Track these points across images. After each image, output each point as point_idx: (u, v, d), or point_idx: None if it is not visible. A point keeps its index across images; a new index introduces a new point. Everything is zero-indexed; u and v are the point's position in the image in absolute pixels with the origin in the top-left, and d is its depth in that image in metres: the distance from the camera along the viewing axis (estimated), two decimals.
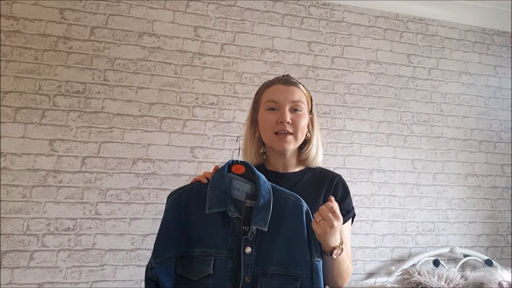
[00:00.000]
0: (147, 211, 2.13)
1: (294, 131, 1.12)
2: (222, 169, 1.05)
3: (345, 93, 2.53)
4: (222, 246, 0.99)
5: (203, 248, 0.99)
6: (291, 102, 1.13)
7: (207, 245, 0.99)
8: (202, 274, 0.97)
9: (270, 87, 1.18)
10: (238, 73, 2.37)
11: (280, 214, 1.01)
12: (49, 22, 2.14)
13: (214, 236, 1.00)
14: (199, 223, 1.01)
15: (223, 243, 0.99)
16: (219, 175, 1.04)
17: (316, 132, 1.20)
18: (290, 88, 1.15)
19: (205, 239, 1.00)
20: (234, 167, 1.06)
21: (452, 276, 2.04)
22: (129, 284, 2.06)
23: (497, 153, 2.74)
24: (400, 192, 2.53)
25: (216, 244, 0.99)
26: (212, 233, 1.00)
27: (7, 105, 2.03)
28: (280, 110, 1.12)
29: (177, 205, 1.03)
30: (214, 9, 2.39)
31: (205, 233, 1.00)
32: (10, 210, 1.97)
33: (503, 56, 2.86)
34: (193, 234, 1.01)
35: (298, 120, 1.12)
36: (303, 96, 1.16)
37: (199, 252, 1.00)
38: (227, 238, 0.99)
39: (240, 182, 1.05)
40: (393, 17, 2.69)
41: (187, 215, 1.02)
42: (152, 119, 2.21)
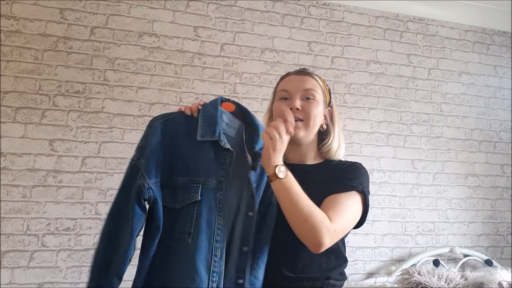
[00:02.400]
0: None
1: (305, 118, 1.10)
2: (215, 101, 1.04)
3: (345, 93, 2.53)
4: (212, 175, 0.95)
5: (190, 176, 0.95)
6: (302, 91, 1.12)
7: (195, 173, 0.95)
8: (186, 201, 0.93)
9: (284, 78, 1.19)
10: (238, 73, 2.37)
11: None
12: (49, 22, 2.14)
13: (202, 165, 0.96)
14: (187, 151, 0.97)
15: (213, 173, 0.95)
16: (212, 105, 1.02)
17: (337, 125, 1.19)
18: (302, 77, 1.16)
19: (192, 168, 0.95)
20: (224, 104, 1.05)
21: (452, 276, 2.03)
22: (129, 284, 2.05)
23: (497, 153, 2.74)
24: (400, 192, 2.53)
25: (205, 173, 0.95)
26: (200, 162, 0.96)
27: (7, 105, 2.03)
28: (291, 98, 1.12)
29: (164, 130, 0.98)
30: (214, 9, 2.39)
31: (193, 162, 0.96)
32: (10, 210, 1.97)
33: (503, 56, 2.86)
34: (178, 162, 0.96)
35: (309, 107, 1.11)
36: (317, 86, 1.16)
37: (183, 180, 0.95)
38: (217, 169, 0.96)
39: (230, 117, 1.04)
40: (393, 17, 2.69)
41: (173, 142, 0.97)
42: None
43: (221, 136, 0.97)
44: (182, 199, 0.93)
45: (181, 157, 0.96)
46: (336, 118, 1.20)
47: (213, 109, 1.01)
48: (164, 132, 0.97)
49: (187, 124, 0.99)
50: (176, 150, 0.97)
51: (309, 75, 1.17)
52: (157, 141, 0.96)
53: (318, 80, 1.19)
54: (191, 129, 0.98)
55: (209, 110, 1.01)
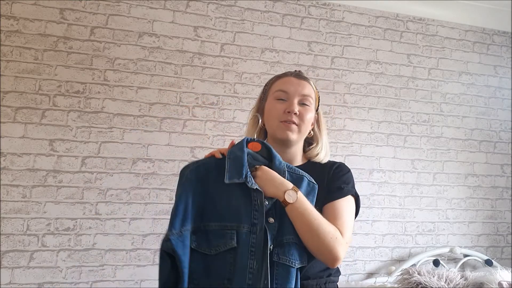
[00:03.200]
0: (147, 211, 2.13)
1: (299, 124, 1.13)
2: (241, 143, 1.04)
3: (345, 93, 2.53)
4: (245, 220, 0.96)
5: (223, 222, 0.96)
6: (300, 95, 1.14)
7: (228, 218, 0.96)
8: (222, 248, 0.94)
9: (281, 78, 1.20)
10: (238, 73, 2.37)
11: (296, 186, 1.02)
12: (49, 22, 2.14)
13: (234, 210, 0.97)
14: (218, 195, 0.99)
15: (245, 217, 0.96)
16: (238, 148, 1.04)
17: (323, 131, 1.23)
18: (301, 81, 1.17)
19: (225, 212, 0.97)
20: (250, 144, 1.06)
21: (452, 276, 2.04)
22: (129, 284, 2.06)
23: (497, 153, 2.74)
24: (400, 192, 2.53)
25: (238, 218, 0.96)
26: (232, 206, 0.98)
27: (7, 105, 2.03)
28: (289, 101, 1.13)
29: (195, 178, 1.01)
30: (214, 9, 2.39)
31: (225, 206, 0.98)
32: (10, 210, 1.97)
33: (503, 56, 2.86)
34: (210, 207, 0.98)
35: (305, 113, 1.13)
36: (312, 92, 1.18)
37: (216, 226, 0.96)
38: (249, 212, 0.97)
39: (256, 161, 1.05)
40: (393, 17, 2.69)
41: (205, 187, 1.00)
42: (152, 119, 2.21)
43: (248, 178, 0.98)
44: (217, 245, 0.95)
45: (212, 202, 0.99)
46: (323, 124, 1.24)
47: (238, 151, 1.03)
48: (194, 180, 1.00)
49: (217, 167, 1.02)
50: (207, 195, 0.99)
51: (306, 80, 1.19)
52: (185, 189, 0.99)
53: (313, 86, 1.21)
54: (219, 173, 1.00)
55: (235, 152, 1.03)
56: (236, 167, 0.99)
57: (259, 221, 0.96)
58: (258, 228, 0.96)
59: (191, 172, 1.01)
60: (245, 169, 0.99)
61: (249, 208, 0.97)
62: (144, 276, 2.07)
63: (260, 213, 0.97)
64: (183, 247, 0.94)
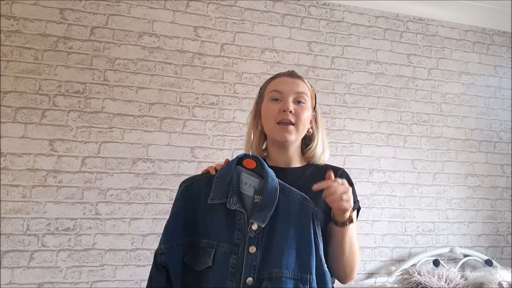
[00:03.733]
0: (147, 211, 2.13)
1: (296, 122, 1.11)
2: (231, 162, 1.03)
3: (345, 93, 2.53)
4: (225, 239, 0.95)
5: (208, 239, 0.97)
6: (295, 93, 1.13)
7: (211, 236, 0.97)
8: (203, 265, 0.95)
9: (275, 79, 1.19)
10: (238, 73, 2.37)
11: (288, 214, 0.97)
12: (49, 22, 2.14)
13: (217, 228, 0.97)
14: (207, 213, 0.99)
15: (226, 236, 0.96)
16: (226, 167, 1.02)
17: (320, 129, 1.21)
18: (295, 80, 1.17)
19: (210, 230, 0.97)
20: (245, 161, 1.03)
21: (452, 276, 2.04)
22: (129, 284, 2.06)
23: (497, 153, 2.74)
24: (400, 192, 2.53)
25: (218, 237, 0.96)
26: (216, 225, 0.97)
27: (7, 105, 2.03)
28: (283, 100, 1.12)
29: (188, 194, 1.02)
30: (214, 9, 2.39)
31: (210, 224, 0.98)
32: (10, 210, 1.97)
33: (503, 56, 2.86)
34: (200, 224, 0.99)
35: (300, 111, 1.12)
36: (307, 90, 1.17)
37: (204, 243, 0.97)
38: (231, 231, 0.96)
39: (249, 176, 1.02)
40: (393, 17, 2.69)
41: (196, 204, 1.00)
42: (152, 119, 2.21)
43: (230, 198, 0.97)
44: (199, 262, 0.96)
45: (202, 219, 0.99)
46: (320, 122, 1.22)
47: (226, 170, 1.02)
48: (187, 196, 1.01)
49: (207, 186, 1.02)
50: (199, 212, 1.00)
51: (300, 79, 1.19)
52: (178, 205, 1.01)
53: (308, 84, 1.20)
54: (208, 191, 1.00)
55: (222, 171, 1.02)
56: (221, 187, 0.99)
57: (242, 242, 0.95)
58: (240, 249, 0.94)
59: (186, 189, 1.02)
60: (228, 188, 0.98)
61: (233, 228, 0.96)
62: (144, 276, 2.07)
63: (244, 233, 0.95)
64: (175, 261, 0.96)
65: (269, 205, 0.96)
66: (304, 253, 0.95)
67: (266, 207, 0.96)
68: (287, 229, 0.96)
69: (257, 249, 0.94)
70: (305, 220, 0.97)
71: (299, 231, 0.96)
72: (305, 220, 0.97)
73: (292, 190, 1.01)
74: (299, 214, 0.98)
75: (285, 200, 0.99)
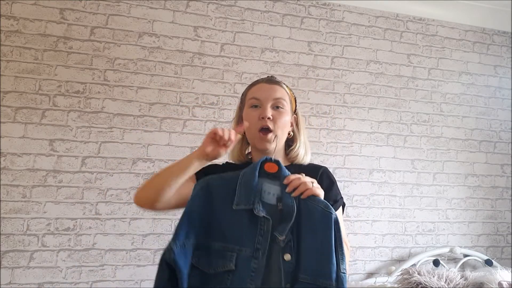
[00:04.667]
0: (147, 211, 2.13)
1: (275, 128, 1.13)
2: (254, 166, 1.02)
3: (345, 93, 2.53)
4: (247, 244, 0.95)
5: (226, 243, 0.96)
6: (273, 100, 1.16)
7: (230, 240, 0.96)
8: (220, 269, 0.94)
9: (254, 86, 1.22)
10: (238, 73, 2.37)
11: (310, 220, 0.99)
12: (49, 22, 2.14)
13: (238, 232, 0.97)
14: (224, 216, 0.98)
15: (249, 241, 0.96)
16: (251, 172, 1.02)
17: (302, 131, 1.24)
18: (272, 86, 1.19)
19: (229, 234, 0.97)
20: (267, 165, 1.03)
21: (452, 276, 2.04)
22: (129, 284, 2.06)
23: (497, 153, 2.74)
24: (400, 192, 2.53)
25: (240, 241, 0.96)
26: (236, 229, 0.97)
27: (7, 105, 2.03)
28: (262, 107, 1.15)
29: (204, 194, 1.01)
30: (214, 9, 2.39)
31: (229, 228, 0.97)
32: (10, 210, 1.97)
33: (503, 56, 2.86)
34: (215, 226, 0.98)
35: (278, 116, 1.14)
36: (285, 95, 1.19)
37: (219, 246, 0.96)
38: (253, 236, 0.96)
39: (270, 185, 1.02)
40: (393, 17, 2.69)
41: (212, 205, 1.00)
42: (152, 119, 2.21)
43: (256, 205, 0.97)
44: (216, 265, 0.95)
45: (218, 221, 0.98)
46: (301, 125, 1.24)
47: (250, 175, 1.01)
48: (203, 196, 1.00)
49: (225, 187, 1.01)
50: (214, 213, 0.99)
51: (278, 84, 1.20)
52: (193, 204, 1.00)
53: (286, 88, 1.22)
54: (228, 194, 1.00)
55: (247, 176, 1.01)
56: (246, 192, 0.99)
57: (262, 246, 0.95)
58: (260, 253, 0.95)
59: (201, 189, 1.01)
60: (253, 195, 0.98)
61: (254, 232, 0.96)
62: (144, 276, 2.07)
63: (265, 239, 0.96)
64: (184, 259, 0.94)
65: (288, 217, 0.97)
66: (325, 260, 0.96)
67: (286, 219, 0.97)
68: (311, 236, 0.98)
69: (292, 256, 0.96)
70: (327, 226, 0.98)
71: (322, 238, 0.98)
72: (326, 226, 0.98)
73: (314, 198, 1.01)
74: (321, 221, 0.99)
75: (307, 207, 0.99)
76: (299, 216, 0.98)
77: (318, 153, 2.41)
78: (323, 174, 1.18)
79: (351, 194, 2.44)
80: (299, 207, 0.99)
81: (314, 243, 0.97)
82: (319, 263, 0.96)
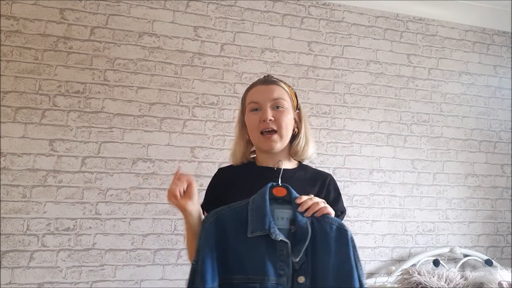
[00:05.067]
0: (147, 211, 2.13)
1: (278, 128, 1.13)
2: (263, 191, 1.01)
3: (345, 93, 2.53)
4: (270, 272, 0.92)
5: (247, 275, 0.93)
6: (271, 100, 1.15)
7: (251, 270, 0.93)
8: None
9: (252, 89, 1.21)
10: (238, 73, 2.37)
11: (326, 240, 0.97)
12: (49, 22, 2.14)
13: (258, 261, 0.94)
14: (240, 246, 0.96)
15: (271, 269, 0.93)
16: (260, 197, 0.99)
17: (304, 125, 1.22)
18: (269, 87, 1.18)
19: (248, 264, 0.94)
20: (275, 190, 1.02)
21: (452, 276, 2.04)
22: (129, 284, 2.06)
23: (497, 153, 2.74)
24: (400, 192, 2.53)
25: (262, 270, 0.92)
26: (255, 258, 0.94)
27: (7, 105, 2.03)
28: (262, 110, 1.15)
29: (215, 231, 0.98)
30: (214, 9, 2.39)
31: (248, 258, 0.94)
32: (10, 210, 1.97)
33: (503, 56, 2.86)
34: (232, 259, 0.95)
35: (280, 116, 1.14)
36: (284, 93, 1.18)
37: (240, 279, 0.93)
38: (274, 263, 0.93)
39: (281, 210, 1.00)
40: (393, 17, 2.69)
41: (226, 240, 0.97)
42: (152, 119, 2.21)
43: (272, 228, 0.95)
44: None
45: (235, 254, 0.96)
46: (304, 120, 1.24)
47: (260, 201, 0.99)
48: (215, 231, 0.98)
49: (236, 219, 0.99)
50: (229, 248, 0.96)
51: (275, 83, 1.19)
52: (209, 242, 0.96)
53: (284, 86, 1.21)
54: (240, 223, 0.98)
55: (257, 202, 0.99)
56: (259, 218, 0.96)
57: (286, 273, 0.93)
58: (285, 279, 0.93)
59: (211, 225, 0.98)
60: (268, 219, 0.96)
61: (274, 258, 0.94)
62: (144, 276, 2.07)
63: (286, 264, 0.93)
64: None
65: (302, 238, 0.95)
66: (346, 279, 0.95)
67: (300, 241, 0.95)
68: (329, 256, 0.96)
69: (306, 278, 0.94)
70: (344, 245, 0.97)
71: (340, 257, 0.96)
72: (343, 245, 0.97)
73: (327, 217, 1.00)
74: (338, 239, 0.98)
75: (321, 227, 0.98)
76: (313, 237, 0.96)
77: (318, 153, 2.41)
78: (330, 184, 1.18)
79: (351, 194, 2.44)
80: (312, 228, 0.97)
81: (331, 262, 0.95)
82: (340, 283, 0.94)
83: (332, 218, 1.00)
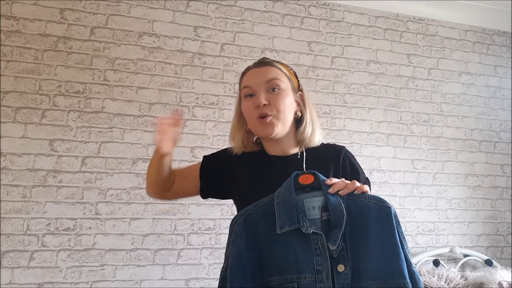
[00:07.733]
0: (147, 211, 2.13)
1: (274, 112, 1.04)
2: (289, 182, 0.93)
3: (345, 93, 2.53)
4: (306, 269, 0.85)
5: (282, 275, 0.86)
6: (265, 83, 1.06)
7: (286, 270, 0.86)
8: None
9: (245, 74, 1.13)
10: (238, 73, 2.37)
11: (366, 221, 0.89)
12: (49, 22, 2.14)
13: (293, 259, 0.86)
14: (273, 246, 0.88)
15: (306, 266, 0.85)
16: (286, 189, 0.92)
17: (308, 109, 1.12)
18: (262, 69, 1.10)
19: (283, 263, 0.86)
20: (301, 178, 0.93)
21: (452, 276, 2.04)
22: (129, 284, 2.06)
23: (497, 153, 2.74)
24: (400, 192, 2.53)
25: (297, 268, 0.85)
26: (290, 256, 0.87)
27: (7, 105, 2.03)
28: (256, 95, 1.06)
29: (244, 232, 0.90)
30: (214, 9, 2.39)
31: (282, 257, 0.87)
32: (10, 210, 1.97)
33: (503, 56, 2.86)
34: (267, 261, 0.87)
35: (275, 99, 1.04)
36: (280, 74, 1.09)
37: (278, 280, 0.86)
38: (310, 259, 0.86)
39: (311, 198, 0.92)
40: (393, 17, 2.69)
41: (257, 240, 0.89)
42: (152, 119, 2.21)
43: (302, 221, 0.87)
44: None
45: (269, 255, 0.88)
46: (307, 102, 1.13)
47: (287, 193, 0.91)
48: (244, 234, 0.90)
49: (265, 216, 0.91)
50: (262, 248, 0.89)
51: (269, 65, 1.11)
52: (239, 247, 0.89)
53: (281, 67, 1.11)
54: (270, 222, 0.90)
55: (282, 195, 0.91)
56: (287, 211, 0.89)
57: (324, 267, 0.85)
58: (324, 275, 0.84)
59: (240, 227, 0.91)
60: (296, 212, 0.88)
61: (310, 254, 0.86)
62: (144, 276, 2.07)
63: (324, 258, 0.85)
64: None
65: (338, 223, 0.87)
66: (393, 259, 0.87)
67: (336, 226, 0.87)
68: (370, 237, 0.88)
69: (346, 266, 0.86)
70: (386, 222, 0.90)
71: (383, 236, 0.88)
72: (386, 223, 0.90)
73: (363, 195, 0.92)
74: (378, 218, 0.90)
75: (358, 208, 0.90)
76: (350, 220, 0.88)
77: None
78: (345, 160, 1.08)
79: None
80: (348, 210, 0.88)
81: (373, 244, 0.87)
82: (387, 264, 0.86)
83: (367, 195, 0.91)
